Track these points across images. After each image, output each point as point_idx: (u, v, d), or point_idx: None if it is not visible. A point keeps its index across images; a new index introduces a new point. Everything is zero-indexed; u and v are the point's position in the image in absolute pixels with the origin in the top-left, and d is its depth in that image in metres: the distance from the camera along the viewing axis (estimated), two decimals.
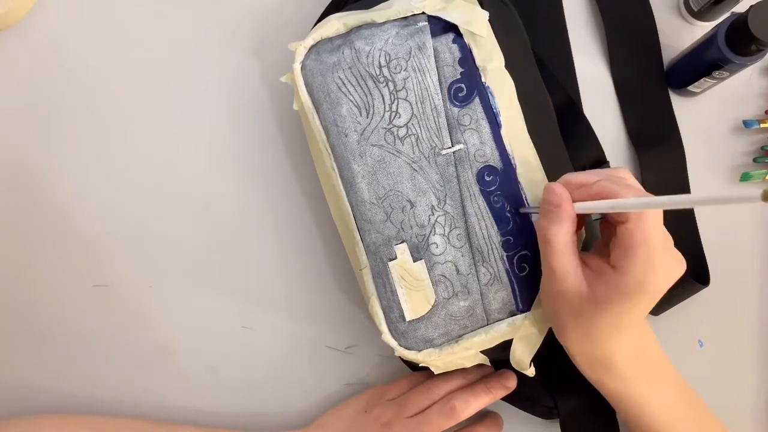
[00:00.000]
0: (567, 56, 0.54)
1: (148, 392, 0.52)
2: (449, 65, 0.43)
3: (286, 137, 0.54)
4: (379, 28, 0.44)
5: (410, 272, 0.43)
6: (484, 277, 0.43)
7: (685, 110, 0.55)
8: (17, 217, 0.53)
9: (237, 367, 0.52)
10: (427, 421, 0.45)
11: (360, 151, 0.43)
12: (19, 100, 0.53)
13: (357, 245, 0.45)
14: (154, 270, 0.52)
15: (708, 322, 0.53)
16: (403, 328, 0.44)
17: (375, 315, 0.44)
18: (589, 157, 0.51)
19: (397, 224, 0.43)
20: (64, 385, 0.52)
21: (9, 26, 0.54)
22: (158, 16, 0.55)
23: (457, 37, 0.44)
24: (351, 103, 0.43)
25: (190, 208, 0.53)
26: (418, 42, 0.43)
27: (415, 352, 0.44)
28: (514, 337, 0.44)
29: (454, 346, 0.44)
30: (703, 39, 0.50)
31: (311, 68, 0.44)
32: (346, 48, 0.44)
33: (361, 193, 0.44)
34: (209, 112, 0.54)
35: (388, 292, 0.44)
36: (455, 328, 0.44)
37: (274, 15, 0.55)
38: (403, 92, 0.43)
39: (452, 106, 0.43)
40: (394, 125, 0.43)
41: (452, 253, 0.43)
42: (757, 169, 0.54)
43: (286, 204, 0.53)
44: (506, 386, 0.46)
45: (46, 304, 0.52)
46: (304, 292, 0.52)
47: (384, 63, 0.43)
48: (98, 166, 0.53)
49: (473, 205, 0.43)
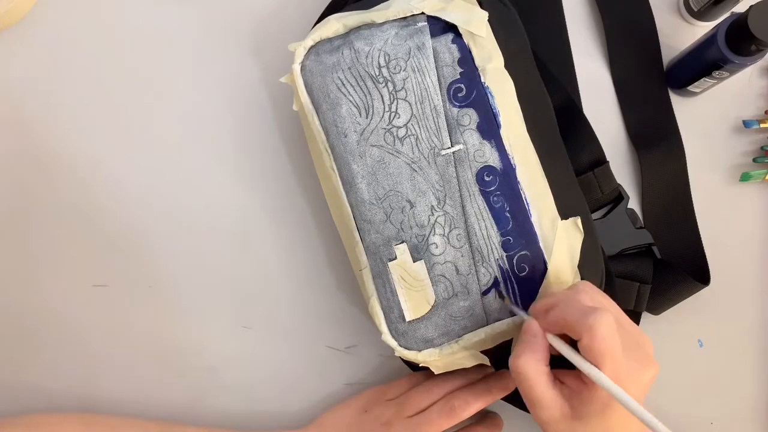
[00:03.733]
0: (567, 56, 0.54)
1: (148, 392, 0.52)
2: (448, 65, 0.43)
3: (286, 137, 0.54)
4: (378, 28, 0.44)
5: (410, 272, 0.43)
6: (484, 277, 0.43)
7: (685, 110, 0.55)
8: (17, 217, 0.53)
9: (237, 367, 0.52)
10: (427, 421, 0.45)
11: (360, 152, 0.43)
12: (19, 99, 0.53)
13: (357, 245, 0.45)
14: (154, 270, 0.52)
15: (708, 322, 0.53)
16: (403, 329, 0.44)
17: (375, 315, 0.45)
18: (589, 156, 0.51)
19: (397, 224, 0.43)
20: (64, 385, 0.52)
21: (9, 26, 0.54)
22: (158, 16, 0.55)
23: (457, 38, 0.43)
24: (350, 103, 0.43)
25: (190, 208, 0.53)
26: (417, 42, 0.43)
27: (415, 352, 0.44)
28: (514, 336, 0.44)
29: (453, 346, 0.44)
30: (703, 39, 0.50)
31: (311, 69, 0.44)
32: (346, 48, 0.44)
33: (360, 194, 0.44)
34: (209, 112, 0.54)
35: (387, 292, 0.44)
36: (455, 328, 0.44)
37: (274, 15, 0.55)
38: (402, 92, 0.43)
39: (452, 107, 0.43)
40: (394, 125, 0.43)
41: (452, 254, 0.43)
42: (757, 169, 0.54)
43: (286, 204, 0.53)
44: (506, 386, 0.46)
45: (46, 304, 0.52)
46: (304, 292, 0.52)
47: (383, 63, 0.43)
48: (98, 166, 0.53)
49: (473, 206, 0.43)
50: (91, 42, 0.54)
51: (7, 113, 0.53)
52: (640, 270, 0.50)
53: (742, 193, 0.54)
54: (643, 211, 0.53)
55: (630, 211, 0.51)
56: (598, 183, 0.51)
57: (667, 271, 0.50)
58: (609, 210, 0.51)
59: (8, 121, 0.53)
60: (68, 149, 0.53)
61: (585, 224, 0.44)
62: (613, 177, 0.51)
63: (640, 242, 0.51)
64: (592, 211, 0.50)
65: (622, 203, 0.51)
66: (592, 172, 0.51)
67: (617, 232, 0.51)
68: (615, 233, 0.50)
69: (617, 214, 0.51)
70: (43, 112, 0.53)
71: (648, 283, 0.50)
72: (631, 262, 0.50)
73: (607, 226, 0.51)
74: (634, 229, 0.51)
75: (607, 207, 0.52)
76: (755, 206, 0.54)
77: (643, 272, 0.50)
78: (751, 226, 0.54)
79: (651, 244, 0.51)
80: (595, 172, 0.51)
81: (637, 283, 0.49)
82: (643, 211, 0.53)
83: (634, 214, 0.52)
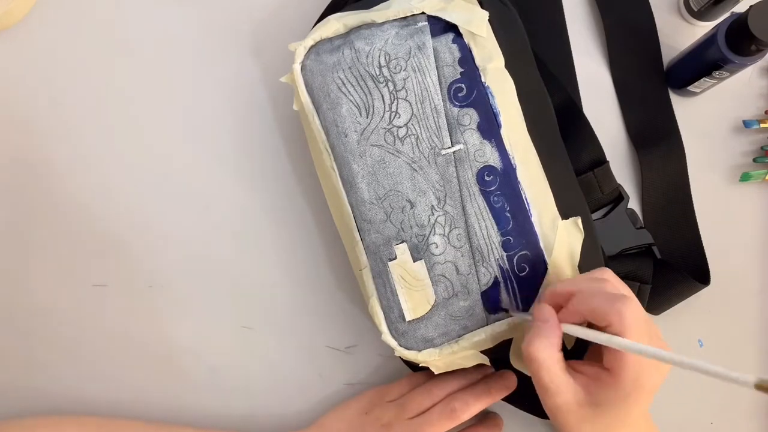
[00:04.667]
0: (567, 56, 0.54)
1: (148, 392, 0.52)
2: (449, 65, 0.43)
3: (286, 137, 0.54)
4: (378, 28, 0.44)
5: (410, 272, 0.43)
6: (484, 276, 0.43)
7: (685, 110, 0.55)
8: (17, 217, 0.53)
9: (237, 367, 0.52)
10: (428, 422, 0.45)
11: (360, 151, 0.43)
12: (19, 99, 0.53)
13: (357, 245, 0.45)
14: (154, 270, 0.52)
15: (708, 322, 0.53)
16: (403, 328, 0.44)
17: (375, 315, 0.44)
18: (589, 156, 0.51)
19: (397, 224, 0.43)
20: (63, 385, 0.52)
21: (9, 26, 0.54)
22: (158, 16, 0.55)
23: (457, 37, 0.43)
24: (351, 103, 0.43)
25: (190, 208, 0.53)
26: (417, 42, 0.43)
27: (415, 352, 0.44)
28: (514, 336, 0.44)
29: (454, 346, 0.44)
30: (703, 39, 0.50)
31: (311, 68, 0.44)
32: (346, 48, 0.44)
33: (361, 193, 0.44)
34: (209, 113, 0.54)
35: (388, 292, 0.44)
36: (455, 328, 0.44)
37: (274, 15, 0.55)
38: (402, 92, 0.43)
39: (452, 106, 0.43)
40: (394, 125, 0.43)
41: (452, 253, 0.43)
42: (757, 169, 0.54)
43: (286, 204, 0.53)
44: (507, 387, 0.46)
45: (46, 304, 0.52)
46: (304, 292, 0.52)
47: (384, 63, 0.43)
48: (98, 166, 0.53)
49: (473, 205, 0.43)
50: (90, 42, 0.54)
51: (6, 113, 0.53)
52: (640, 270, 0.50)
53: (742, 193, 0.54)
54: (643, 211, 0.53)
55: (630, 211, 0.51)
56: (598, 183, 0.51)
57: (667, 271, 0.50)
58: (609, 210, 0.51)
59: (8, 120, 0.53)
60: (68, 149, 0.53)
61: (585, 224, 0.44)
62: (613, 177, 0.51)
63: (641, 242, 0.51)
64: (592, 211, 0.50)
65: (622, 203, 0.51)
66: (593, 172, 0.51)
67: (617, 232, 0.51)
68: (615, 233, 0.50)
69: (617, 214, 0.51)
70: (42, 111, 0.53)
71: (648, 283, 0.50)
72: (631, 262, 0.50)
73: (607, 226, 0.51)
74: (634, 229, 0.51)
75: (608, 207, 0.52)
76: (755, 206, 0.54)
77: (643, 272, 0.50)
78: (751, 226, 0.54)
79: (651, 244, 0.51)
80: (596, 172, 0.51)
81: (637, 283, 0.49)
82: (643, 211, 0.53)
83: (634, 214, 0.52)
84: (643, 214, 0.53)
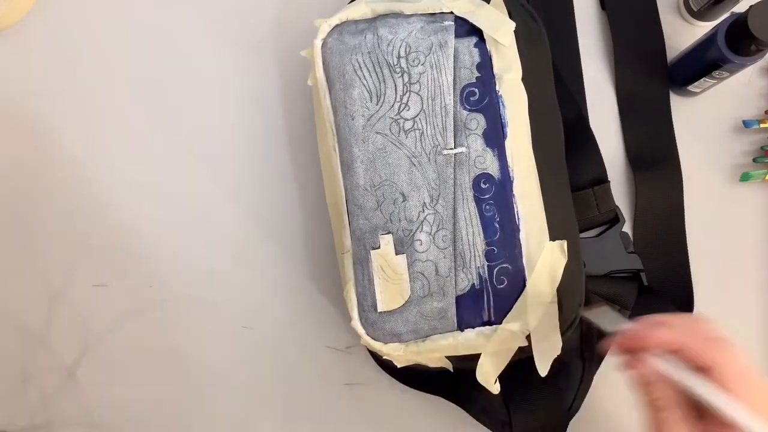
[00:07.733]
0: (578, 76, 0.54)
1: (148, 392, 0.51)
2: (467, 68, 0.43)
3: (289, 138, 0.54)
4: (405, 19, 0.44)
5: (390, 264, 0.43)
6: (462, 282, 0.43)
7: (685, 110, 0.54)
8: (17, 217, 0.53)
9: (237, 367, 0.52)
10: None
11: (363, 136, 0.43)
12: (19, 99, 0.54)
13: (345, 229, 0.45)
14: (154, 270, 0.52)
15: None
16: (373, 318, 0.44)
17: (348, 300, 0.44)
18: (591, 173, 0.51)
19: (387, 215, 0.43)
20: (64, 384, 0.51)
21: (9, 26, 0.54)
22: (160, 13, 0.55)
23: (480, 42, 0.44)
24: (363, 87, 0.43)
25: (190, 208, 0.53)
26: (440, 39, 0.43)
27: (381, 344, 0.44)
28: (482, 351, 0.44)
29: (420, 345, 0.43)
30: (703, 39, 0.50)
31: (331, 47, 0.44)
32: (369, 33, 0.44)
33: (357, 178, 0.44)
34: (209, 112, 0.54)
35: (365, 279, 0.44)
36: (424, 327, 0.43)
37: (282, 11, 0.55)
38: (416, 86, 0.43)
39: (462, 109, 0.43)
40: (402, 117, 0.43)
41: (435, 253, 0.43)
42: (756, 169, 0.54)
43: (286, 204, 0.53)
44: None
45: (46, 304, 0.52)
46: (304, 292, 0.52)
47: (403, 54, 0.43)
48: (98, 166, 0.53)
49: (464, 210, 0.43)
50: (91, 42, 0.54)
51: (7, 113, 0.53)
52: (624, 295, 0.50)
53: (742, 193, 0.54)
54: (634, 236, 0.53)
55: (624, 234, 0.51)
56: (596, 201, 0.51)
57: (653, 299, 0.50)
58: (603, 230, 0.51)
59: (8, 120, 0.53)
60: (68, 149, 0.53)
61: (572, 249, 0.44)
62: (611, 197, 0.51)
63: (630, 267, 0.50)
64: (586, 230, 0.50)
65: (617, 225, 0.51)
66: (592, 190, 0.51)
67: (609, 254, 0.50)
68: (606, 254, 0.50)
69: (611, 235, 0.51)
70: (43, 111, 0.54)
71: (628, 309, 0.49)
72: (617, 285, 0.50)
73: (599, 245, 0.51)
74: (625, 252, 0.51)
75: (602, 227, 0.52)
76: (755, 206, 0.54)
77: (626, 298, 0.50)
78: (751, 226, 0.54)
79: (640, 270, 0.50)
80: (595, 189, 0.51)
81: (617, 307, 0.49)
82: (634, 235, 0.53)
83: (628, 237, 0.51)
84: (634, 238, 0.53)
